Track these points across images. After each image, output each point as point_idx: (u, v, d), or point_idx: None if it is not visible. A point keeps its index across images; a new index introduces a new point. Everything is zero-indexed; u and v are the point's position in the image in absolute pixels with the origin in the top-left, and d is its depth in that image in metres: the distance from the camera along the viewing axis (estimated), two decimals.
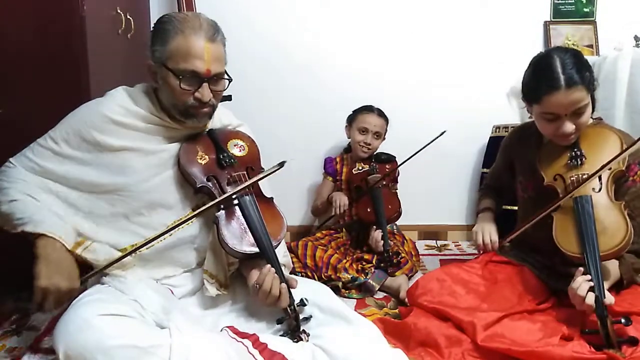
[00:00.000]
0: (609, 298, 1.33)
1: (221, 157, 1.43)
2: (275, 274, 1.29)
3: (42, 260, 1.22)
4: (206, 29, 1.31)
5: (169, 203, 1.39)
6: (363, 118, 2.34)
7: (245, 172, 1.44)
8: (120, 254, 1.31)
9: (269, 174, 1.33)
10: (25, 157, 1.38)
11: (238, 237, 1.34)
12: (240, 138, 1.53)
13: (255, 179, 1.36)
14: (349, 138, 2.43)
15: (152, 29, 1.36)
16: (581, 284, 1.34)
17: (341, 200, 2.27)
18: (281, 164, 1.30)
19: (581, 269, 1.38)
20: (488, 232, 1.72)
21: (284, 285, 1.29)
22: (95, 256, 1.32)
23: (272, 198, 1.48)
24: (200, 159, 1.42)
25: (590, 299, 1.31)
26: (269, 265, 1.30)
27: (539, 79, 1.47)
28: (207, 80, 1.32)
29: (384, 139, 2.38)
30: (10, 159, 1.39)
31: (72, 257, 1.28)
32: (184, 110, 1.36)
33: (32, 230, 1.25)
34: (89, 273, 1.30)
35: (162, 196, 1.39)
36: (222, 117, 1.54)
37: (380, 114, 2.36)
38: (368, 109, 2.37)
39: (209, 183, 1.39)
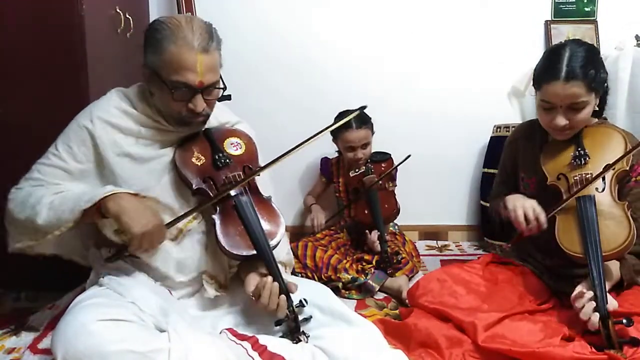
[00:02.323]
0: (612, 303, 1.32)
1: (217, 157, 1.40)
2: (274, 283, 1.26)
3: (121, 214, 1.21)
4: (199, 39, 1.26)
5: (171, 207, 1.37)
6: (345, 137, 2.22)
7: (242, 172, 1.41)
8: None
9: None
10: (31, 180, 1.33)
11: (235, 239, 1.32)
12: (237, 136, 1.50)
13: (250, 174, 1.34)
14: (337, 151, 2.39)
15: (145, 32, 1.32)
16: (584, 304, 1.32)
17: (318, 219, 2.30)
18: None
19: (580, 288, 1.37)
20: (530, 206, 1.48)
21: (282, 297, 1.26)
22: None
23: (270, 197, 1.45)
24: (196, 160, 1.39)
25: (595, 319, 1.29)
26: (265, 278, 1.27)
27: (545, 66, 1.49)
28: (200, 91, 1.30)
29: (374, 132, 2.29)
30: (14, 187, 1.33)
31: (141, 199, 1.28)
32: (177, 119, 1.35)
33: (91, 202, 1.22)
34: (175, 217, 1.30)
35: (164, 201, 1.37)
36: (218, 116, 1.49)
37: (360, 124, 2.19)
38: (346, 124, 2.05)
39: (205, 185, 1.36)
